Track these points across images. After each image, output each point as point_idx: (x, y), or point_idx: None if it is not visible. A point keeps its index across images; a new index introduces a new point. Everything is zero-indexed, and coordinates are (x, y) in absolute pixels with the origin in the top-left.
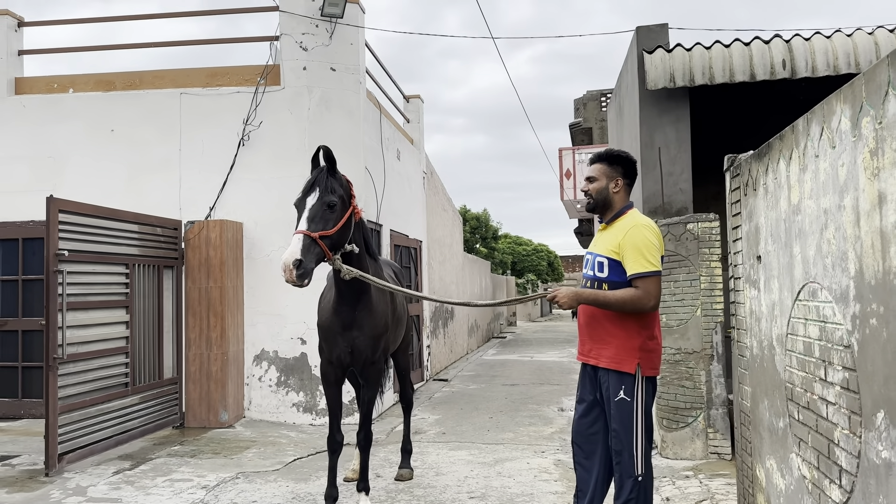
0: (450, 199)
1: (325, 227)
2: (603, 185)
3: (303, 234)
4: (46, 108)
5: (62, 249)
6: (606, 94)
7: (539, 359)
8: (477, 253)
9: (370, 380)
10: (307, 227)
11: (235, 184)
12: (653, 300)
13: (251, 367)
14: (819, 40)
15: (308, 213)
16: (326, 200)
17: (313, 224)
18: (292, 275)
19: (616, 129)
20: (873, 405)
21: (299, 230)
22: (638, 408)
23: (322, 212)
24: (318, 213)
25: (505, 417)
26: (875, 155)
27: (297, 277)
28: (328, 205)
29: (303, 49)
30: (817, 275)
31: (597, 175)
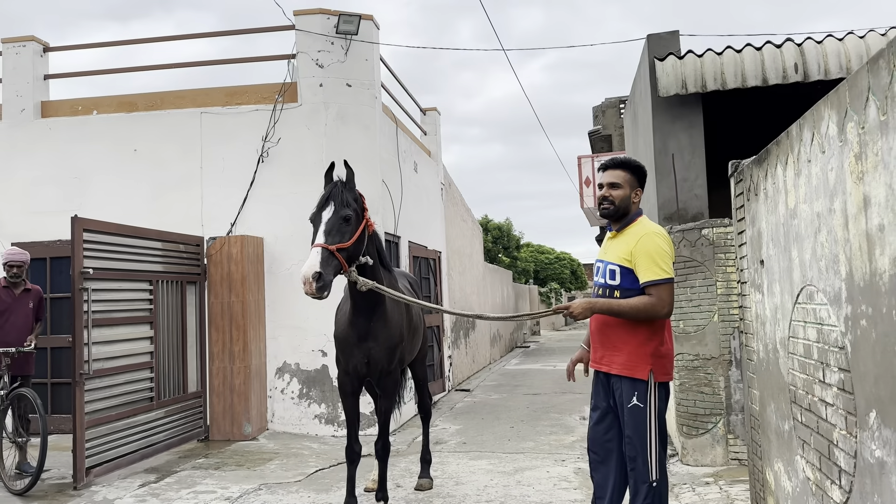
0: (469, 210)
1: (342, 240)
2: (627, 192)
3: (321, 248)
4: (72, 130)
5: (87, 267)
6: (625, 101)
7: (561, 368)
8: (500, 262)
9: (386, 390)
10: (324, 240)
11: (255, 200)
12: (667, 307)
13: (273, 379)
14: (831, 43)
15: (325, 226)
16: (342, 214)
17: (330, 237)
18: (312, 287)
19: (632, 135)
20: (866, 405)
21: (317, 243)
22: (651, 413)
23: (338, 225)
24: (335, 226)
25: (526, 426)
26: (860, 159)
27: (317, 290)
28: (344, 218)
29: (319, 66)
30: (813, 277)
31: (621, 182)
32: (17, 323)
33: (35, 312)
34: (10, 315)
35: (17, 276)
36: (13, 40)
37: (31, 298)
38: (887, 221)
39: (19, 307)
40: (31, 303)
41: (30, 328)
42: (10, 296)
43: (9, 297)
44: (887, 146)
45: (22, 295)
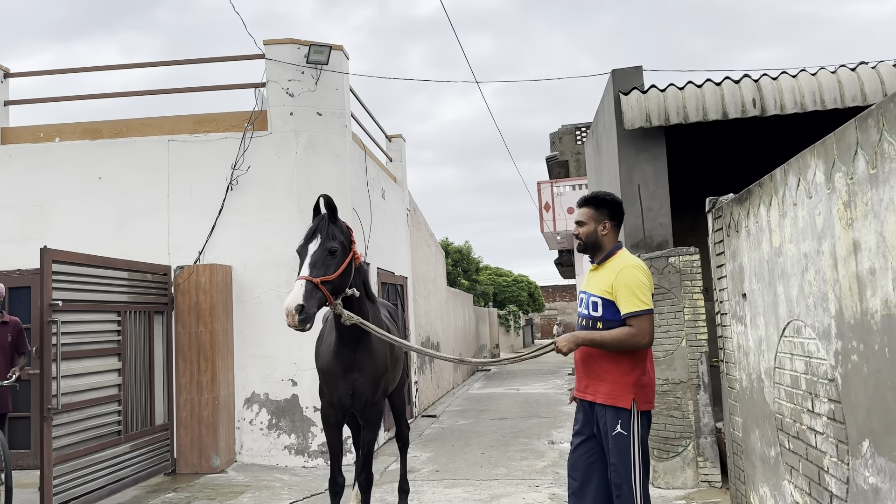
0: (432, 235)
1: (327, 273)
2: (592, 228)
3: (305, 280)
4: (33, 157)
5: (56, 300)
6: (581, 129)
7: (525, 391)
8: (459, 286)
9: (370, 421)
10: (309, 272)
11: (224, 227)
12: (647, 337)
13: (242, 410)
14: (786, 79)
15: (310, 259)
16: (328, 247)
17: (315, 269)
18: (294, 319)
19: (594, 164)
20: (859, 435)
21: (301, 276)
22: (635, 441)
23: (324, 258)
24: (320, 259)
25: (497, 452)
26: (849, 207)
27: (299, 322)
28: (329, 251)
29: (289, 95)
30: (800, 313)
31: (585, 219)
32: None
33: (14, 345)
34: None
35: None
36: None
37: (9, 331)
38: (878, 266)
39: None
40: (10, 335)
41: (8, 362)
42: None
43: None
44: (877, 197)
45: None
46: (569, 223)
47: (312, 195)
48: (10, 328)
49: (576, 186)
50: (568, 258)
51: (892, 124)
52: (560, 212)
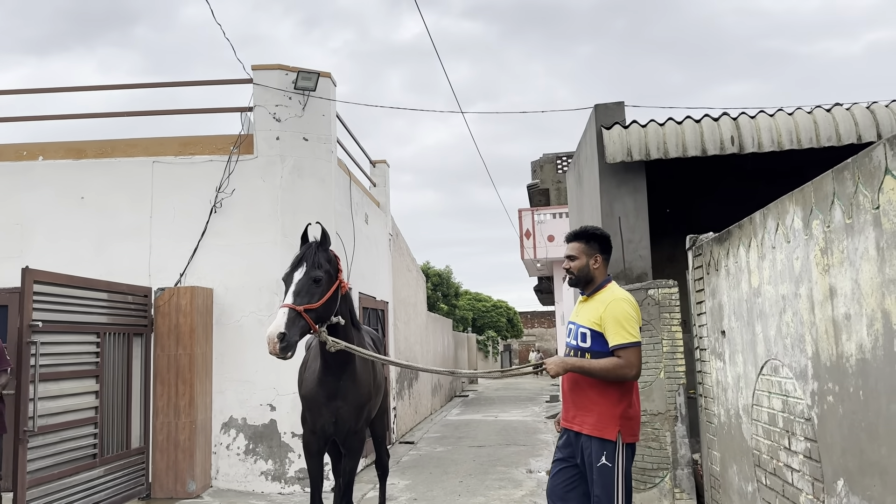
0: (414, 259)
1: (311, 301)
2: (584, 262)
3: (288, 308)
4: (15, 175)
5: (36, 320)
6: (562, 157)
7: (504, 418)
8: (439, 310)
9: (352, 449)
10: (293, 300)
11: (206, 250)
12: (634, 369)
13: (219, 434)
14: (763, 119)
15: (294, 287)
16: (312, 275)
17: (298, 298)
18: (276, 347)
19: (576, 195)
20: (834, 474)
21: (284, 304)
22: (619, 473)
23: (308, 286)
24: (304, 287)
25: (475, 481)
26: (825, 253)
27: (281, 350)
28: (314, 279)
29: (276, 120)
30: (778, 353)
31: (576, 254)
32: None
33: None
34: None
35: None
36: None
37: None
38: (853, 312)
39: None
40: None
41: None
42: None
43: None
44: (853, 246)
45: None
46: (549, 251)
47: (297, 219)
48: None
49: (556, 215)
50: (547, 285)
51: (866, 178)
52: (541, 239)
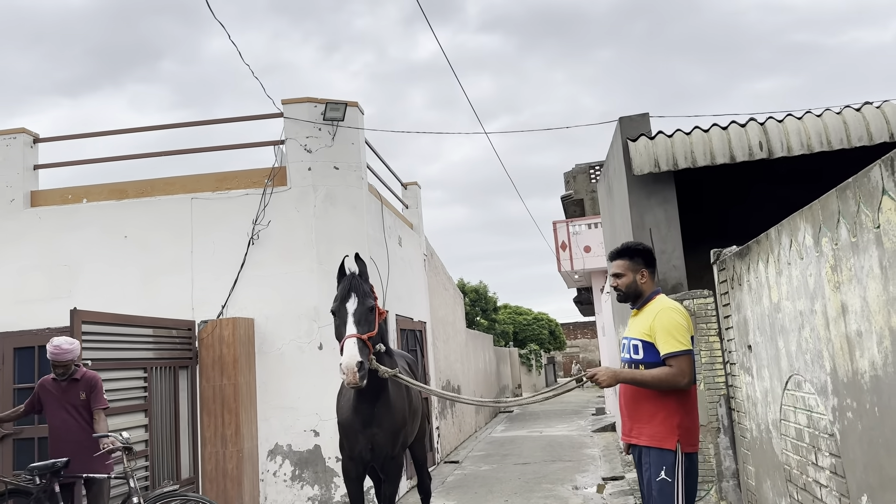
0: (450, 278)
1: (370, 329)
2: (631, 279)
3: (356, 338)
4: (61, 218)
5: (86, 359)
6: (594, 167)
7: (549, 434)
8: (478, 326)
9: (390, 474)
10: (356, 330)
11: (246, 281)
12: (686, 377)
13: (265, 462)
14: (791, 122)
15: (353, 317)
16: (367, 305)
17: (360, 327)
18: (356, 377)
19: (607, 207)
20: (858, 489)
21: (350, 334)
22: (679, 488)
23: (365, 315)
24: (363, 316)
25: (520, 500)
26: (835, 270)
27: (360, 378)
28: (369, 308)
29: (307, 151)
30: (800, 368)
31: (622, 271)
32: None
33: (88, 403)
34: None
35: (63, 375)
36: (4, 133)
37: (82, 388)
38: (864, 329)
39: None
40: (82, 393)
41: (85, 420)
42: (58, 389)
43: (57, 391)
44: (859, 264)
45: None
46: (586, 262)
47: (331, 247)
48: (82, 385)
49: (591, 225)
50: (586, 296)
51: (866, 198)
52: (577, 251)
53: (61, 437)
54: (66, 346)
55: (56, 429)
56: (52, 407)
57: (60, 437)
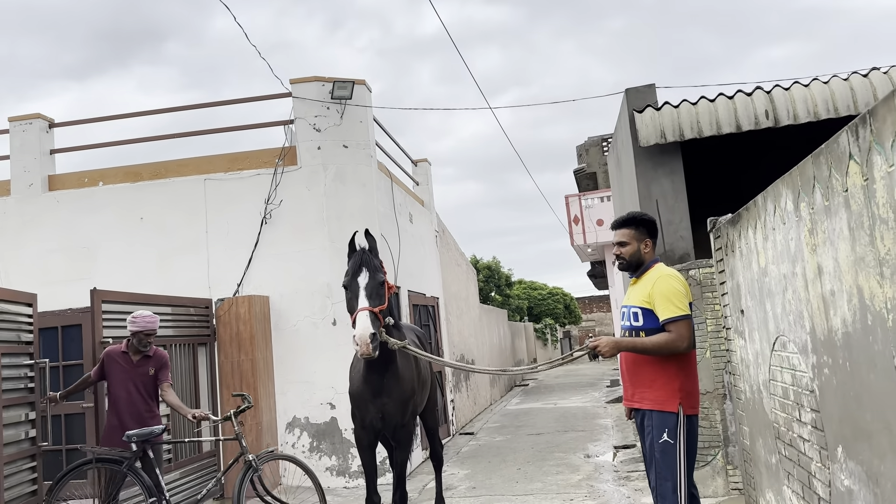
0: (462, 254)
1: (381, 303)
2: (635, 248)
3: (368, 311)
4: (79, 201)
5: (107, 337)
6: (607, 139)
7: (563, 405)
8: (492, 301)
9: (402, 442)
10: (368, 303)
11: (260, 260)
12: (685, 341)
13: (284, 434)
14: (798, 90)
15: (365, 291)
16: (378, 279)
17: (371, 301)
18: (369, 348)
19: (616, 179)
20: (834, 441)
21: (363, 307)
22: (681, 449)
23: (376, 289)
24: (374, 290)
25: (532, 468)
26: (812, 233)
27: (373, 349)
28: (380, 283)
29: (316, 130)
30: (785, 329)
31: (627, 239)
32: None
33: (156, 378)
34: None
35: (146, 347)
36: (20, 118)
37: (152, 364)
38: (836, 288)
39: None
40: (152, 369)
41: (150, 396)
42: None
43: (126, 364)
44: (831, 227)
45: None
46: (598, 235)
47: (342, 224)
48: (153, 361)
49: (603, 198)
50: (600, 269)
51: (836, 163)
52: (589, 224)
53: (124, 410)
54: (152, 316)
55: (121, 400)
56: (118, 379)
57: (123, 409)
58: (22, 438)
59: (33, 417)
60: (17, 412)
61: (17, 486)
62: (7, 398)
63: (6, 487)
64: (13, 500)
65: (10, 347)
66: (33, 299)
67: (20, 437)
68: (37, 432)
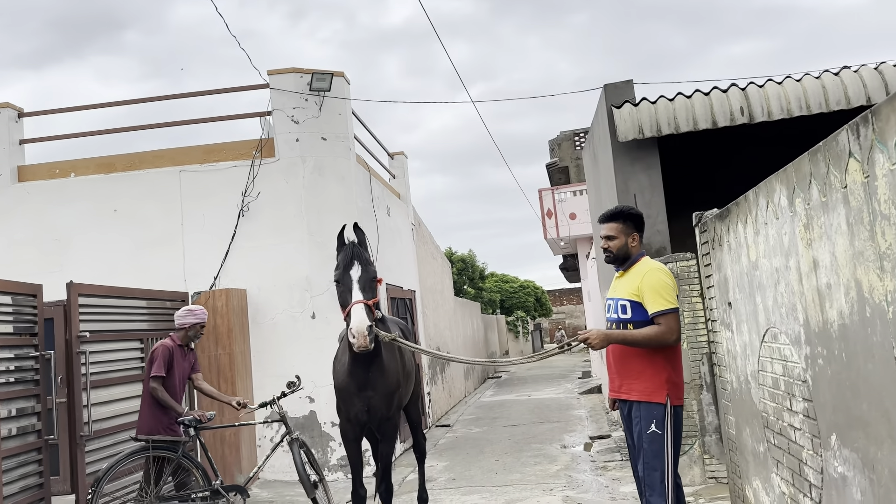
0: (437, 247)
1: (373, 296)
2: (622, 242)
3: (363, 304)
4: (50, 193)
5: (84, 331)
6: (578, 134)
7: (536, 397)
8: (465, 294)
9: (386, 434)
10: (362, 296)
11: (237, 252)
12: (675, 334)
13: (262, 428)
14: (772, 87)
15: (359, 284)
16: (371, 273)
17: (365, 294)
18: (366, 340)
19: (592, 174)
20: (828, 430)
21: (357, 300)
22: (668, 440)
23: (369, 282)
24: (367, 283)
25: (510, 459)
26: (808, 228)
27: (370, 342)
28: (372, 277)
29: (294, 122)
30: (776, 321)
31: (615, 233)
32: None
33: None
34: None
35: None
36: None
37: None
38: (833, 281)
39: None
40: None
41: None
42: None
43: (181, 358)
44: (829, 222)
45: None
46: (571, 228)
47: (321, 218)
48: (193, 355)
49: (576, 192)
50: (572, 262)
51: (835, 161)
52: (562, 218)
53: (178, 399)
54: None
55: (177, 390)
56: (177, 371)
57: (178, 398)
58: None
59: (39, 410)
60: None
61: (22, 479)
62: (13, 390)
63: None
64: (19, 493)
65: (14, 340)
66: (38, 290)
67: (26, 429)
68: (42, 425)
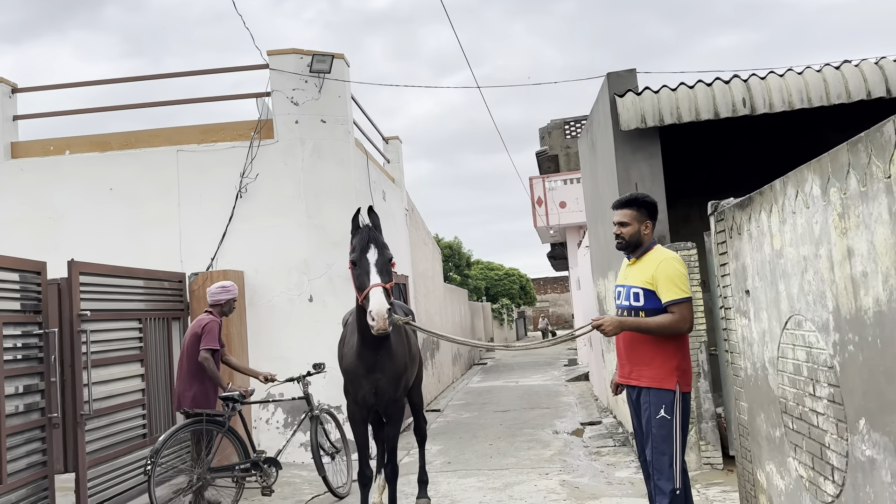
0: (429, 233)
1: (390, 279)
2: (635, 229)
3: (381, 287)
4: (44, 170)
5: (84, 310)
6: (569, 123)
7: (525, 383)
8: (452, 281)
9: (393, 417)
10: (380, 279)
11: (235, 234)
12: (688, 323)
13: (258, 410)
14: (774, 79)
15: (376, 267)
16: (388, 256)
17: (382, 277)
18: (386, 322)
19: (589, 162)
20: (856, 414)
21: (375, 283)
22: (677, 425)
23: (386, 266)
24: (384, 267)
25: (504, 443)
26: (843, 218)
27: (390, 324)
28: (389, 259)
29: (294, 104)
30: (801, 308)
31: (628, 220)
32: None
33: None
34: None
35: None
36: None
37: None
38: (870, 270)
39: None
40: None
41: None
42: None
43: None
44: (867, 211)
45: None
46: (561, 217)
47: (319, 200)
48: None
49: (567, 181)
50: (561, 251)
51: (878, 151)
52: (552, 206)
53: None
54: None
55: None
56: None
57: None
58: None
59: (43, 387)
60: (28, 381)
61: (25, 456)
62: (16, 368)
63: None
64: (23, 471)
65: (21, 317)
66: (42, 267)
67: (30, 406)
68: (46, 403)
